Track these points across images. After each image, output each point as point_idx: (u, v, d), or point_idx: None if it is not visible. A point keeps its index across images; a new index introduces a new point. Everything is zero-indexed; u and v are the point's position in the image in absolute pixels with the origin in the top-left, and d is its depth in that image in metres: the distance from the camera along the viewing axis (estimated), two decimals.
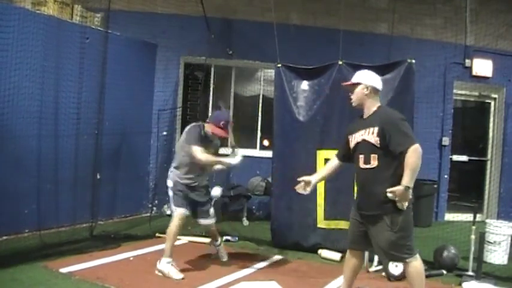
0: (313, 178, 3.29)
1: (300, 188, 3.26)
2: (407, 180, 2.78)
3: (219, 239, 4.49)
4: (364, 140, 3.00)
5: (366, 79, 3.11)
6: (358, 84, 3.10)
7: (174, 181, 4.05)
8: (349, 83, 3.17)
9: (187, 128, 4.11)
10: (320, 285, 3.88)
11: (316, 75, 5.01)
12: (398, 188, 2.79)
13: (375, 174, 2.94)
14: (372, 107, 3.07)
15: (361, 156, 3.02)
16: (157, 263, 3.93)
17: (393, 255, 2.95)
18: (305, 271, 4.32)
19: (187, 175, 4.02)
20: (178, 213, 4.00)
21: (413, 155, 2.80)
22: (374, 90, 3.09)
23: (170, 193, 4.09)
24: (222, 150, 4.42)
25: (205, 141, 3.97)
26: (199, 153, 3.82)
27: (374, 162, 2.94)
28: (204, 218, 4.21)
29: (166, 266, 3.87)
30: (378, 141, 2.91)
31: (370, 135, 2.96)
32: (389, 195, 2.81)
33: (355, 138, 3.08)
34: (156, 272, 3.91)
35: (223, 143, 4.44)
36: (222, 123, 3.92)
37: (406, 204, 2.85)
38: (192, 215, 4.17)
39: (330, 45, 5.31)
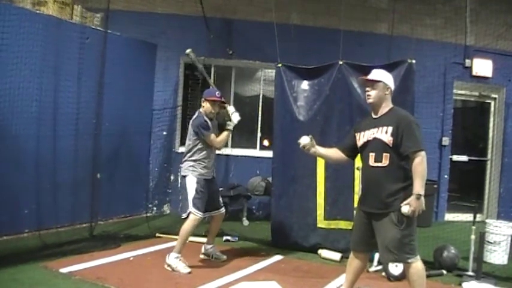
0: (317, 147, 3.33)
1: (305, 144, 3.31)
2: (418, 188, 2.83)
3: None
4: (375, 139, 3.01)
5: (388, 79, 3.14)
6: (379, 82, 3.10)
7: (195, 176, 4.14)
8: (371, 78, 3.14)
9: (191, 122, 4.27)
10: (320, 285, 3.88)
11: (316, 75, 5.01)
12: (411, 199, 2.84)
13: (386, 173, 2.96)
14: (386, 107, 3.10)
15: (372, 154, 3.03)
16: (167, 257, 4.03)
17: (397, 254, 2.94)
18: (305, 271, 4.32)
19: (205, 167, 4.20)
20: (197, 216, 4.08)
21: (422, 163, 2.85)
22: (391, 92, 3.14)
23: (191, 189, 4.11)
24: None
25: (210, 125, 4.23)
26: (215, 138, 4.20)
27: (385, 161, 2.96)
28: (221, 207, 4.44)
29: (174, 261, 3.96)
30: (391, 141, 2.94)
31: (384, 134, 2.98)
32: (404, 209, 2.84)
33: (365, 136, 3.10)
34: (166, 266, 3.99)
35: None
36: (217, 93, 4.26)
37: (420, 212, 2.86)
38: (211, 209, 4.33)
39: (330, 45, 5.30)
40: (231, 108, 4.39)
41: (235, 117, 4.36)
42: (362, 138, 3.12)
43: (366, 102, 3.24)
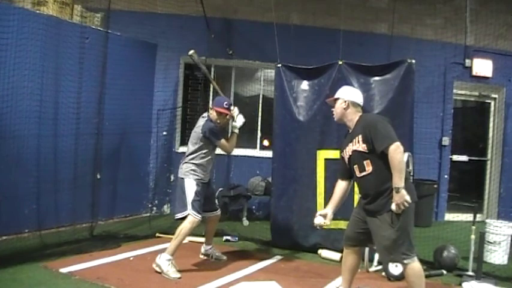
0: (328, 210, 3.29)
1: (320, 224, 3.26)
2: (396, 181, 2.87)
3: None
4: (354, 151, 3.10)
5: (344, 94, 3.26)
6: (337, 99, 3.26)
7: (195, 179, 4.08)
8: (331, 99, 3.33)
9: (200, 123, 4.17)
10: (320, 285, 3.88)
11: (316, 75, 5.01)
12: (393, 194, 2.88)
13: (373, 178, 3.02)
14: (353, 119, 3.19)
15: (356, 166, 3.11)
16: (157, 257, 3.95)
17: (392, 254, 2.97)
18: (305, 271, 4.32)
19: (205, 171, 4.18)
20: (196, 218, 3.99)
21: (395, 155, 2.87)
22: (352, 104, 3.21)
23: (190, 192, 4.04)
24: None
25: (220, 130, 4.23)
26: (226, 144, 4.21)
27: (369, 168, 3.03)
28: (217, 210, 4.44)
29: (166, 263, 3.88)
30: (365, 147, 3.01)
31: (357, 144, 3.06)
32: (392, 207, 2.89)
33: (347, 153, 3.18)
34: (154, 265, 3.93)
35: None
36: (225, 104, 4.19)
37: (406, 204, 2.87)
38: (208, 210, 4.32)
39: (330, 45, 5.31)
40: (235, 111, 4.33)
41: (240, 120, 4.33)
42: (346, 155, 3.20)
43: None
